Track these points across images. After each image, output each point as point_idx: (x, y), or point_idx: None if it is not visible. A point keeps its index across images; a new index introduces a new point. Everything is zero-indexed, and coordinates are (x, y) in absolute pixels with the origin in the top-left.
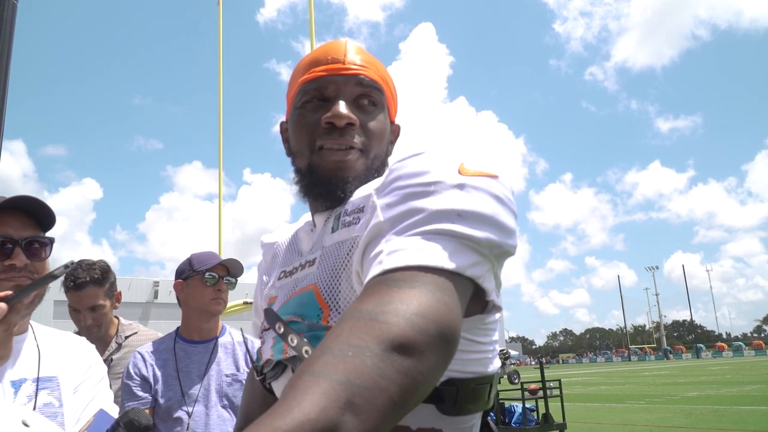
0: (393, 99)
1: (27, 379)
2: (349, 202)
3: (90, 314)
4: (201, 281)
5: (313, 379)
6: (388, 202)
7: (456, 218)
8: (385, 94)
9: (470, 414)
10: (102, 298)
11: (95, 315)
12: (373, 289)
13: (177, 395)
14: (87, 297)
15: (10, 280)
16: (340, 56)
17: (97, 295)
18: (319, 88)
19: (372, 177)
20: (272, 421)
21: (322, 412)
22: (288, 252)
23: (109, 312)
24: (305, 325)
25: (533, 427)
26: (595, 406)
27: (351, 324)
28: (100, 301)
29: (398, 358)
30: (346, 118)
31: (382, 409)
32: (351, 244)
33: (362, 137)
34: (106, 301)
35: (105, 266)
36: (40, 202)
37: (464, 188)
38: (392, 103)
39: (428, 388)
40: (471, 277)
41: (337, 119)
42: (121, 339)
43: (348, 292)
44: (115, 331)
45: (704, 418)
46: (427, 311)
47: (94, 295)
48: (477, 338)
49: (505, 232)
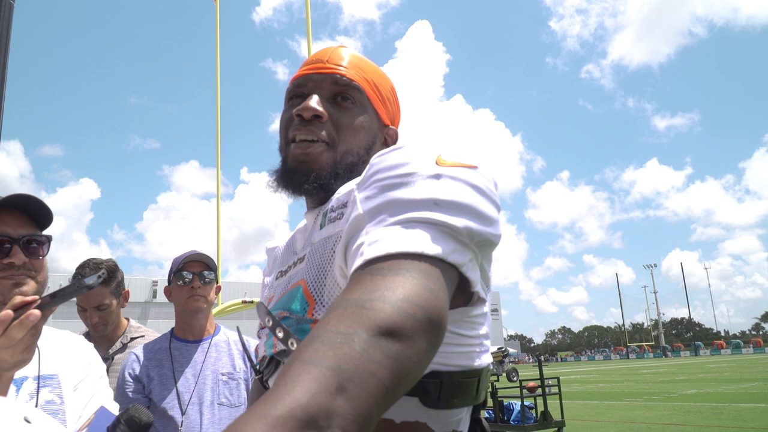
0: (384, 102)
1: (28, 377)
2: (335, 198)
3: (96, 313)
4: (176, 282)
5: (303, 366)
6: (367, 195)
7: (433, 206)
8: (368, 95)
9: (456, 408)
10: (108, 298)
11: (101, 314)
12: (357, 280)
13: (172, 394)
14: (94, 296)
15: (9, 279)
16: (323, 57)
17: (103, 294)
18: (299, 85)
19: (343, 172)
20: (263, 409)
21: (313, 397)
22: (285, 253)
23: (116, 311)
24: (293, 319)
25: (532, 425)
26: (594, 404)
27: (339, 312)
28: (106, 300)
29: (386, 343)
30: (312, 110)
31: (372, 393)
32: (336, 239)
33: (330, 131)
34: (112, 300)
35: (112, 266)
36: (37, 200)
37: (440, 178)
38: (382, 107)
39: (417, 373)
40: (453, 263)
41: (304, 111)
42: (126, 339)
43: (333, 286)
44: (122, 331)
45: (703, 416)
46: (413, 297)
47: (100, 294)
48: (463, 331)
49: (484, 221)
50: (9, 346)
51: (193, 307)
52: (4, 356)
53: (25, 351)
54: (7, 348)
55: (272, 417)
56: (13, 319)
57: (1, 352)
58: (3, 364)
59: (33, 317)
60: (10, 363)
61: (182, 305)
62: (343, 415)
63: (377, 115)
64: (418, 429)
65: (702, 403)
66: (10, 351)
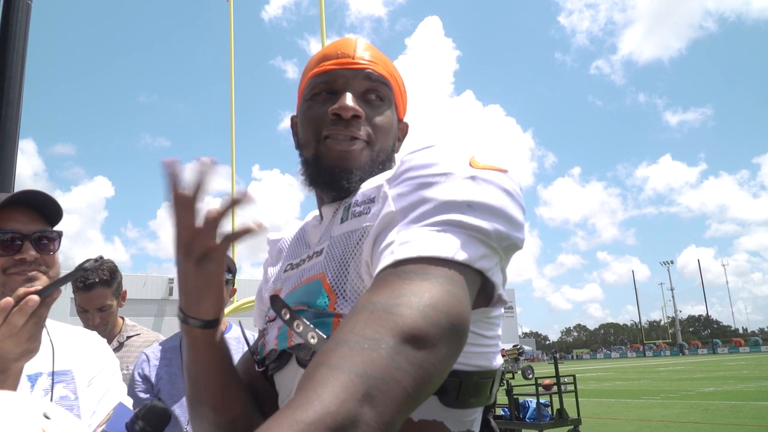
0: (401, 97)
1: (42, 372)
2: (360, 192)
3: (98, 314)
4: None
5: (331, 372)
6: (399, 192)
7: (466, 209)
8: (393, 90)
9: (472, 408)
10: (110, 299)
11: (103, 315)
12: (385, 281)
13: (180, 393)
14: (96, 297)
15: (21, 274)
16: (349, 51)
17: (105, 295)
18: (327, 81)
19: (377, 170)
20: (293, 414)
21: (341, 404)
22: (295, 245)
23: (115, 311)
24: (311, 312)
25: (548, 423)
26: (610, 402)
27: (365, 316)
28: (108, 301)
29: (412, 350)
30: (352, 110)
31: (397, 401)
32: (361, 234)
33: (368, 129)
34: (113, 301)
35: (113, 267)
36: (47, 196)
37: (475, 180)
38: (400, 101)
39: (440, 380)
40: (480, 269)
41: (344, 111)
42: (122, 338)
43: (356, 280)
44: (118, 330)
45: (721, 414)
46: (439, 303)
47: (102, 295)
48: (482, 332)
49: (513, 225)
50: (12, 334)
51: None
52: (8, 346)
53: (30, 340)
54: (10, 337)
55: (303, 423)
56: (13, 307)
57: (6, 341)
58: (9, 354)
59: (32, 302)
60: (15, 353)
61: None
62: (368, 423)
63: (397, 110)
64: (435, 427)
65: (720, 401)
66: (14, 340)
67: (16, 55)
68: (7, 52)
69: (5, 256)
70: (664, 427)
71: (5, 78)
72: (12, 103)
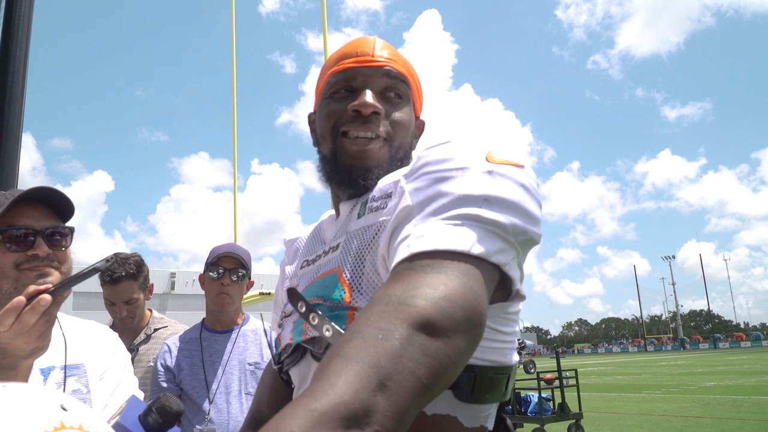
0: (418, 94)
1: (55, 366)
2: (377, 188)
3: (125, 307)
4: (209, 273)
5: (345, 362)
6: (416, 186)
7: (483, 203)
8: (411, 88)
9: (486, 404)
10: (136, 292)
11: (130, 307)
12: (401, 274)
13: (201, 384)
14: (123, 291)
15: (34, 270)
16: (368, 50)
17: (132, 288)
18: (347, 78)
19: (395, 167)
20: (308, 403)
21: (355, 394)
22: (311, 243)
23: (142, 304)
24: (327, 306)
25: (549, 417)
26: (612, 396)
27: (380, 308)
28: (134, 294)
29: (426, 341)
30: (372, 106)
31: (411, 391)
32: (378, 228)
33: (387, 127)
34: (140, 294)
35: (139, 260)
36: (59, 192)
37: (492, 174)
38: (417, 98)
39: (455, 372)
40: (496, 263)
41: (363, 107)
42: (150, 330)
43: (372, 274)
44: (146, 322)
45: (722, 408)
46: (454, 296)
47: (129, 288)
48: (499, 327)
49: (530, 219)
50: (23, 332)
51: (220, 305)
52: (19, 343)
53: (41, 338)
54: (21, 335)
55: (317, 412)
56: (25, 305)
57: (16, 339)
58: (19, 351)
59: (44, 302)
60: (26, 350)
61: (210, 299)
62: (382, 413)
63: (414, 108)
64: (449, 422)
65: (722, 396)
66: (25, 338)
67: (19, 49)
68: (10, 47)
69: (18, 251)
70: (665, 421)
71: (8, 73)
72: (15, 98)
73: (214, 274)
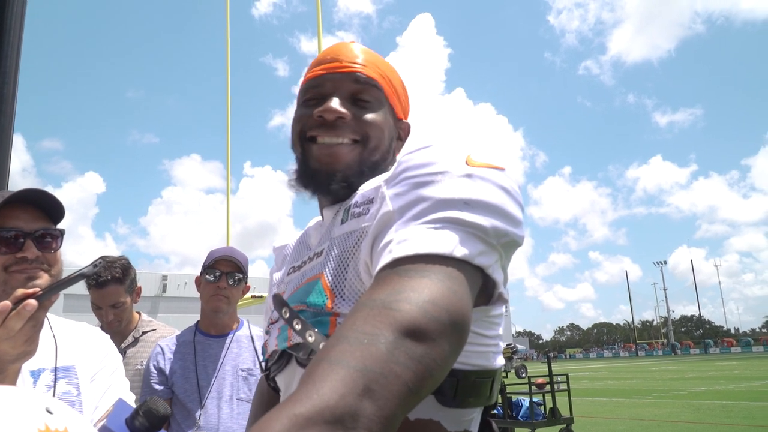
0: (398, 97)
1: (45, 368)
2: (359, 194)
3: (111, 311)
4: (206, 276)
5: (331, 367)
6: (397, 191)
7: (463, 206)
8: (386, 91)
9: (470, 408)
10: (123, 296)
11: (116, 311)
12: (384, 279)
13: (193, 388)
14: (109, 295)
15: (23, 272)
16: (339, 56)
17: (118, 292)
18: (316, 86)
19: (369, 169)
20: (292, 408)
21: (341, 398)
22: (297, 249)
23: (129, 307)
24: (310, 312)
25: (540, 422)
26: (603, 401)
27: (365, 313)
28: (121, 298)
29: (411, 345)
30: (335, 112)
31: (397, 395)
32: (360, 234)
33: (356, 130)
34: (126, 298)
35: (126, 264)
36: (49, 194)
37: (471, 178)
38: (397, 102)
39: (441, 376)
40: (479, 266)
41: (327, 113)
42: (138, 333)
43: (354, 280)
44: (134, 325)
45: (712, 413)
46: (439, 299)
47: (115, 292)
48: (482, 331)
49: (511, 221)
50: (9, 337)
51: (214, 307)
52: (5, 348)
53: (27, 343)
54: (7, 339)
55: (301, 417)
56: (11, 310)
57: (3, 343)
58: (5, 356)
59: (30, 307)
60: (12, 355)
61: (204, 302)
62: (369, 417)
63: (393, 111)
64: (432, 427)
65: (712, 401)
66: (11, 342)
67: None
68: (1, 47)
69: (7, 254)
70: (656, 426)
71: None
72: (7, 99)
73: (211, 276)
